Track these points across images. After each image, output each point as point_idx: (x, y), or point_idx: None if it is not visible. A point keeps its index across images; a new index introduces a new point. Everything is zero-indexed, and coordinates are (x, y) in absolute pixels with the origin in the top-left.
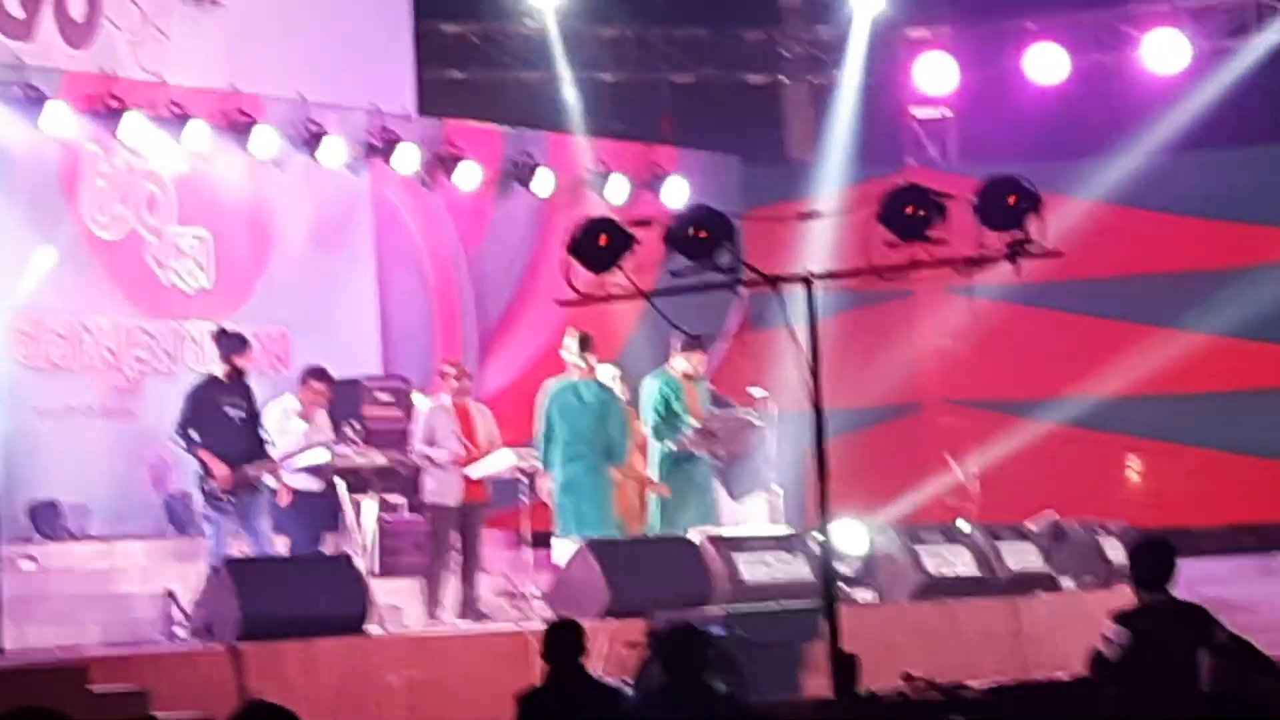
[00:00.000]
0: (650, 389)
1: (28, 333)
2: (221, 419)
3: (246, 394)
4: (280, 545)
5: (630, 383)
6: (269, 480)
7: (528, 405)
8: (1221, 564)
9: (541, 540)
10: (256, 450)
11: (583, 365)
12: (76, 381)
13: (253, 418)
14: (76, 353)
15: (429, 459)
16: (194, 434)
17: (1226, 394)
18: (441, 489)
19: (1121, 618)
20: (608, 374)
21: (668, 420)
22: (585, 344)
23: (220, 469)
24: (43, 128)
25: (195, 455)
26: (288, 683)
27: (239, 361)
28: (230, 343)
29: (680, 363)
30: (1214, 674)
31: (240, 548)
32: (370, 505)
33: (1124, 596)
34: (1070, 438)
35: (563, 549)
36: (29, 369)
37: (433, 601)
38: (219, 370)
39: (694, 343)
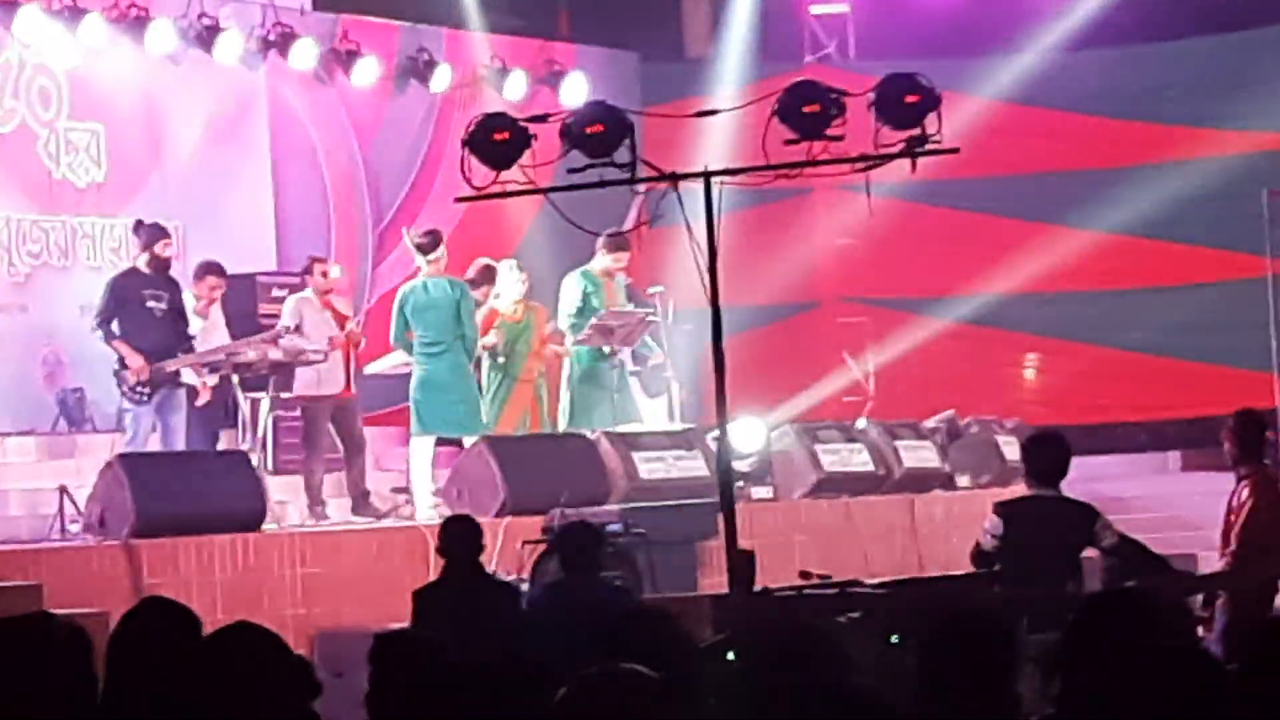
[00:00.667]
0: (569, 285)
1: None
2: (141, 311)
3: (170, 286)
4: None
5: (529, 276)
6: (189, 376)
7: None
8: (1116, 461)
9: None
10: (178, 344)
11: (425, 265)
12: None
13: (175, 311)
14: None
15: (307, 353)
16: (113, 326)
17: (1122, 292)
18: (318, 381)
19: (999, 508)
20: (506, 268)
21: (582, 315)
22: (425, 248)
23: (135, 360)
24: None
25: (112, 346)
26: (182, 579)
27: (160, 251)
28: (150, 232)
29: (603, 259)
30: (1105, 573)
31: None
32: (265, 402)
33: (1020, 494)
34: (967, 336)
35: (420, 446)
36: None
37: (314, 499)
38: (141, 261)
39: (618, 241)
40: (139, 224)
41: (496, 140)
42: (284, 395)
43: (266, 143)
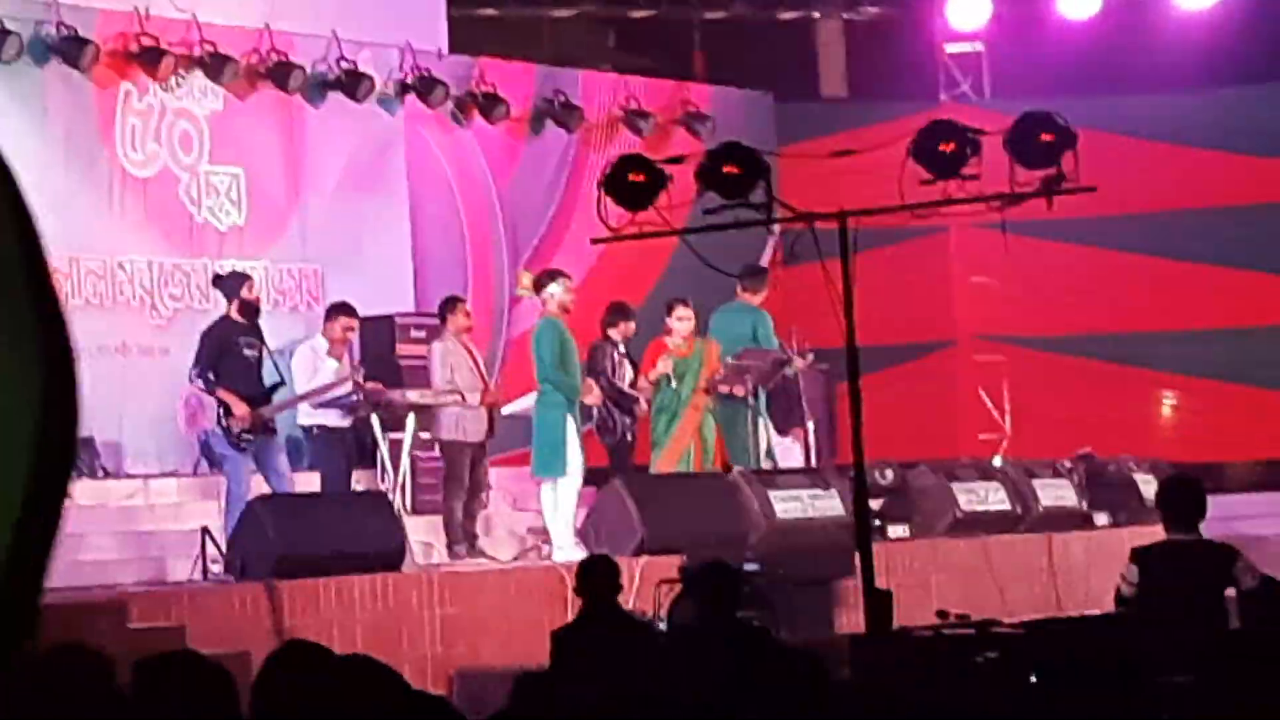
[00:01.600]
0: (740, 322)
1: (63, 271)
2: (239, 358)
3: (259, 333)
4: (312, 482)
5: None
6: (306, 417)
7: None
8: (1257, 500)
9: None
10: (270, 389)
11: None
12: (111, 320)
13: (265, 357)
14: (111, 291)
15: (461, 396)
16: (211, 375)
17: (1263, 329)
18: (463, 425)
19: (1136, 555)
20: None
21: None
22: (538, 284)
23: (240, 408)
24: (76, 67)
25: (214, 395)
26: (323, 619)
27: (248, 295)
28: (234, 280)
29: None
30: (1243, 614)
31: (259, 487)
32: (404, 442)
33: (1158, 534)
34: (1104, 374)
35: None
36: (64, 307)
37: (454, 539)
38: (233, 309)
39: (757, 281)
40: (218, 276)
41: (632, 181)
42: (424, 435)
43: (404, 184)
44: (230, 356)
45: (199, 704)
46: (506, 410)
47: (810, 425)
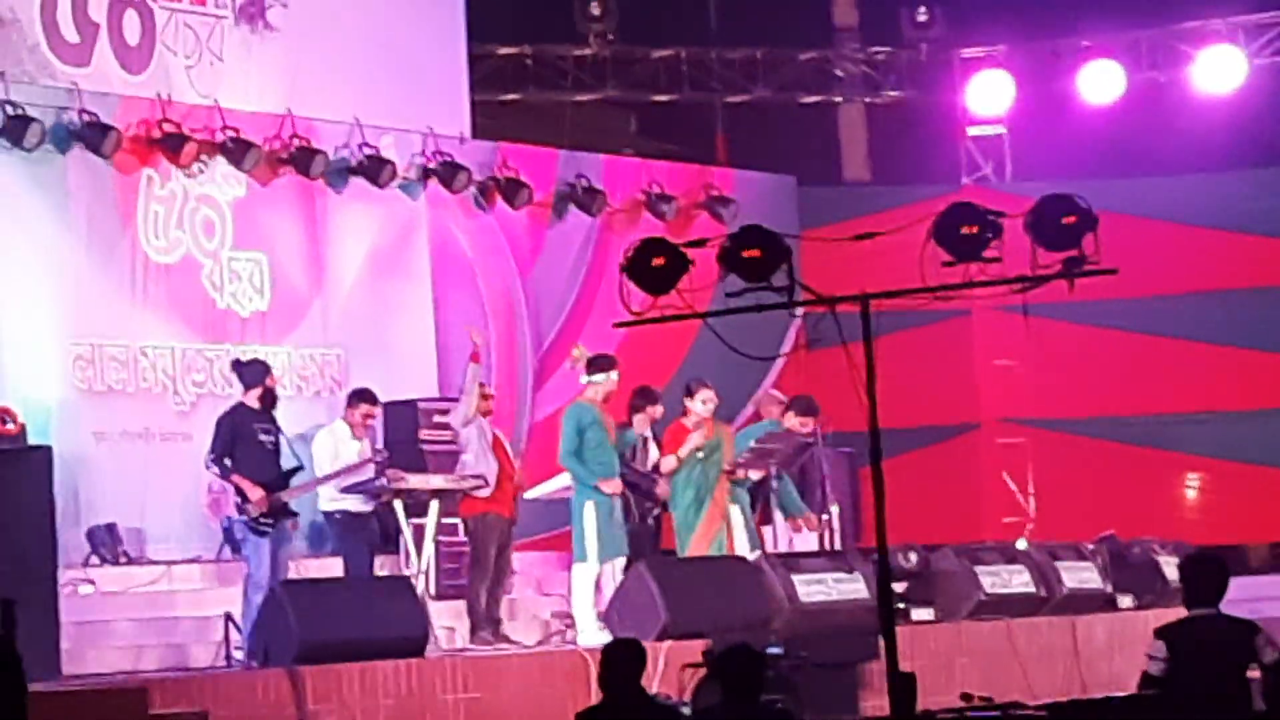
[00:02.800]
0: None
1: (86, 357)
2: (255, 445)
3: (274, 420)
4: (335, 568)
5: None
6: (328, 503)
7: None
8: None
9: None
10: (288, 474)
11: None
12: (134, 405)
13: (282, 442)
14: (134, 377)
15: (485, 480)
16: (228, 461)
17: None
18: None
19: (1161, 633)
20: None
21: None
22: (591, 365)
23: (255, 493)
24: (99, 153)
25: (230, 481)
26: (346, 705)
27: (270, 384)
28: (255, 370)
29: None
30: (1267, 689)
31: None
32: (428, 527)
33: (1182, 615)
34: (1127, 456)
35: (583, 571)
36: (87, 394)
37: (478, 624)
38: (252, 397)
39: (804, 405)
40: (238, 362)
41: (654, 265)
42: (448, 520)
43: (427, 269)
44: (246, 443)
45: None
46: (530, 494)
47: (834, 509)
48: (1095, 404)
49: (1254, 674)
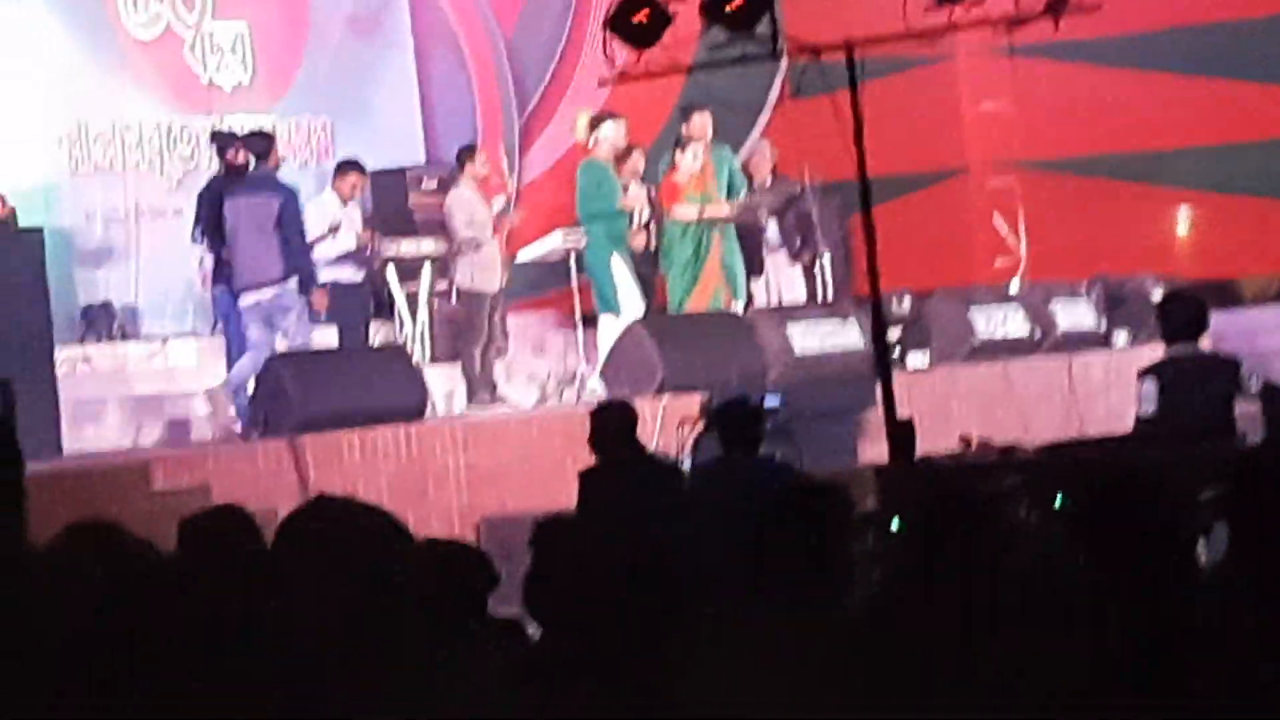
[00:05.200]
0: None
1: (73, 138)
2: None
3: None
4: (329, 337)
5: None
6: (328, 274)
7: (570, 187)
8: (1276, 312)
9: (591, 321)
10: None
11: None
12: (123, 184)
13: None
14: (121, 156)
15: (477, 243)
16: (213, 233)
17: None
18: (480, 275)
19: (1146, 373)
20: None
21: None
22: (594, 124)
23: None
24: None
25: (216, 254)
26: (347, 473)
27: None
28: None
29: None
30: (1269, 419)
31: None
32: (420, 293)
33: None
34: (1120, 194)
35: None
36: (76, 175)
37: (475, 387)
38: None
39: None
40: (215, 134)
41: (636, 21)
42: (440, 286)
43: (409, 33)
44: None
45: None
46: (522, 256)
47: (826, 256)
48: (1085, 142)
49: (1246, 407)
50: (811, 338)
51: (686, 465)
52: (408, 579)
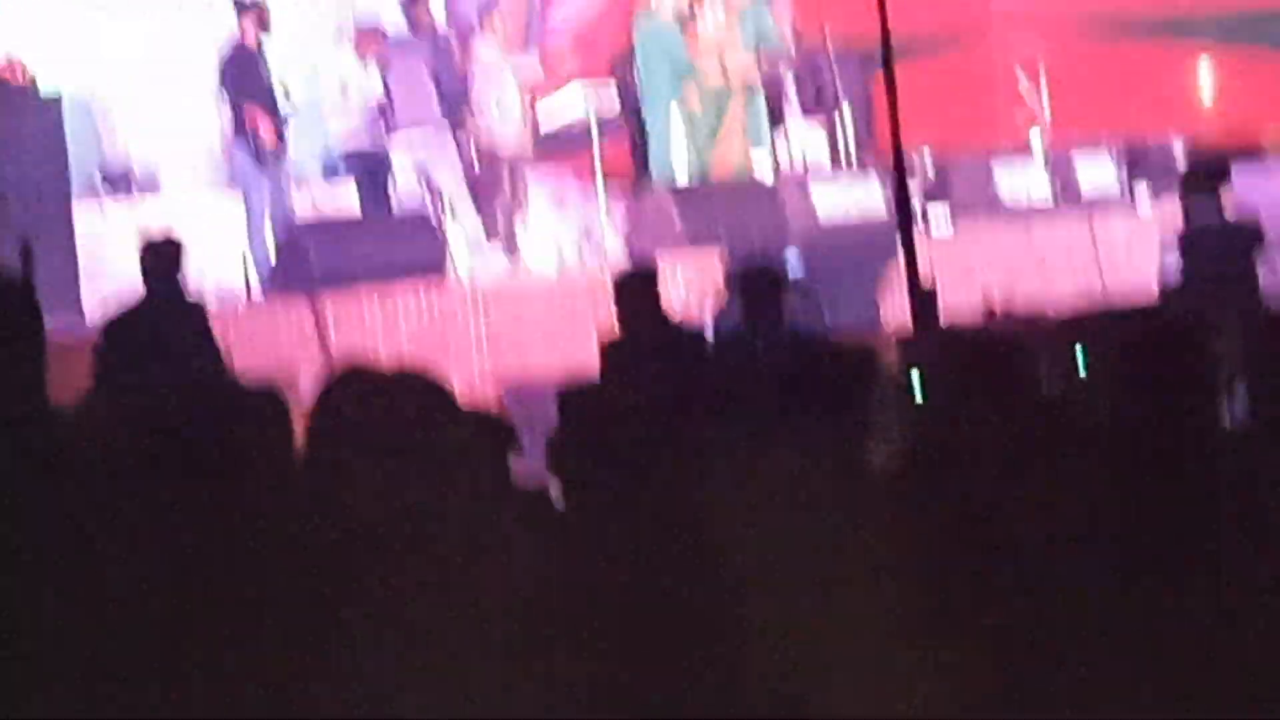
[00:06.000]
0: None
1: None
2: (258, 81)
3: (263, 57)
4: (349, 195)
5: None
6: None
7: (592, 48)
8: None
9: (611, 179)
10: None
11: None
12: (142, 42)
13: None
14: (140, 11)
15: (498, 100)
16: (235, 96)
17: None
18: (500, 134)
19: (1169, 245)
20: None
21: None
22: None
23: (267, 123)
24: None
25: (239, 113)
26: (368, 333)
27: (266, 21)
28: (252, 6)
29: None
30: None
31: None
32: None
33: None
34: (1143, 51)
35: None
36: (93, 35)
37: (497, 245)
38: (248, 34)
39: None
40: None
41: None
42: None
43: None
44: (250, 79)
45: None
46: (541, 111)
47: (847, 116)
48: (1109, 2)
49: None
50: (834, 200)
51: (709, 332)
52: (445, 449)
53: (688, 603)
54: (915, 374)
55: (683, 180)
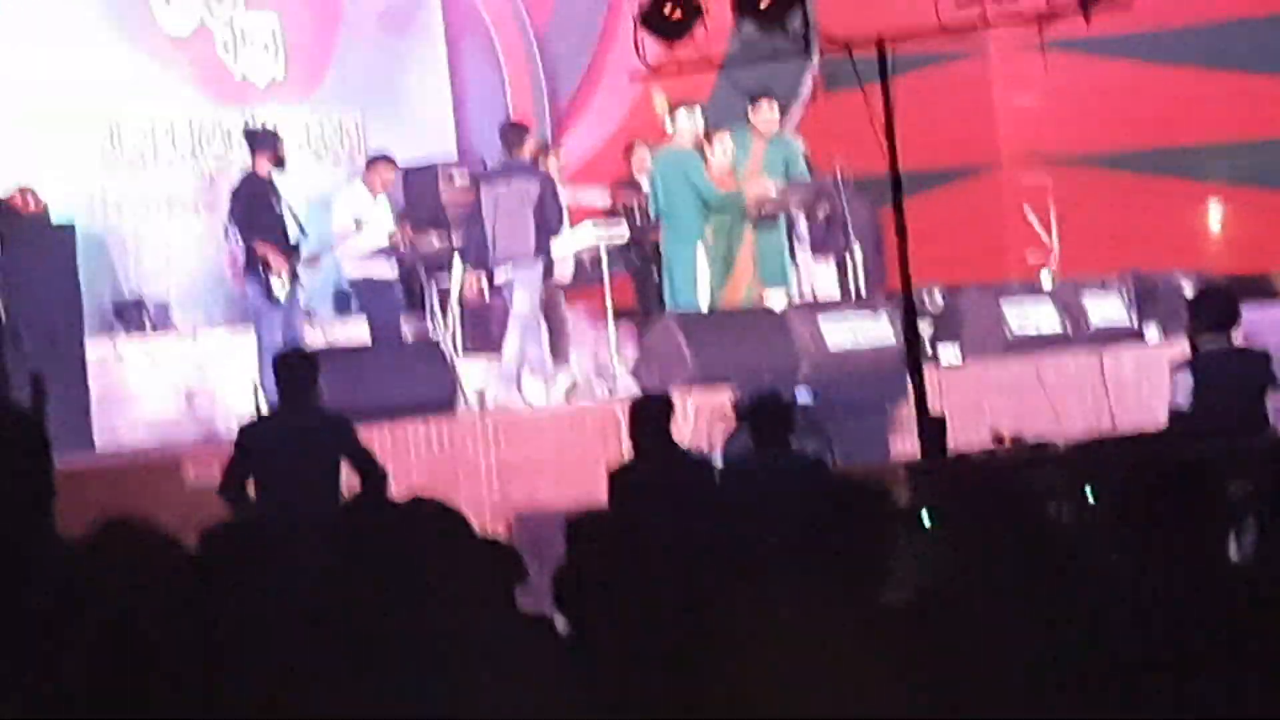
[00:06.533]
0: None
1: (106, 133)
2: (270, 214)
3: (279, 191)
4: (360, 329)
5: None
6: (351, 270)
7: (602, 182)
8: None
9: (624, 316)
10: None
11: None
12: (156, 178)
13: (288, 210)
14: (154, 150)
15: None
16: (246, 229)
17: None
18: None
19: (1178, 368)
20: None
21: None
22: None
23: (278, 258)
24: None
25: (250, 248)
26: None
27: (281, 153)
28: (268, 139)
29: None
30: None
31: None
32: (452, 288)
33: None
34: (1152, 189)
35: None
36: (110, 167)
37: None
38: (261, 166)
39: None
40: (250, 132)
41: (668, 15)
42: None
43: (441, 26)
44: (261, 212)
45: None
46: (557, 248)
47: (857, 251)
48: (1117, 138)
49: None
50: (844, 333)
51: (718, 461)
52: (455, 577)
53: None
54: (924, 503)
55: (703, 309)
